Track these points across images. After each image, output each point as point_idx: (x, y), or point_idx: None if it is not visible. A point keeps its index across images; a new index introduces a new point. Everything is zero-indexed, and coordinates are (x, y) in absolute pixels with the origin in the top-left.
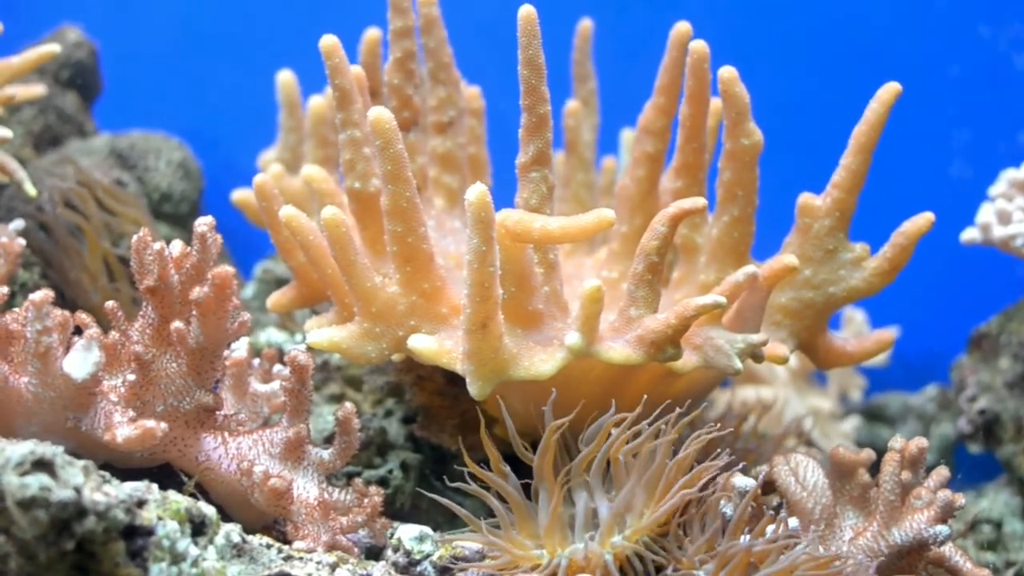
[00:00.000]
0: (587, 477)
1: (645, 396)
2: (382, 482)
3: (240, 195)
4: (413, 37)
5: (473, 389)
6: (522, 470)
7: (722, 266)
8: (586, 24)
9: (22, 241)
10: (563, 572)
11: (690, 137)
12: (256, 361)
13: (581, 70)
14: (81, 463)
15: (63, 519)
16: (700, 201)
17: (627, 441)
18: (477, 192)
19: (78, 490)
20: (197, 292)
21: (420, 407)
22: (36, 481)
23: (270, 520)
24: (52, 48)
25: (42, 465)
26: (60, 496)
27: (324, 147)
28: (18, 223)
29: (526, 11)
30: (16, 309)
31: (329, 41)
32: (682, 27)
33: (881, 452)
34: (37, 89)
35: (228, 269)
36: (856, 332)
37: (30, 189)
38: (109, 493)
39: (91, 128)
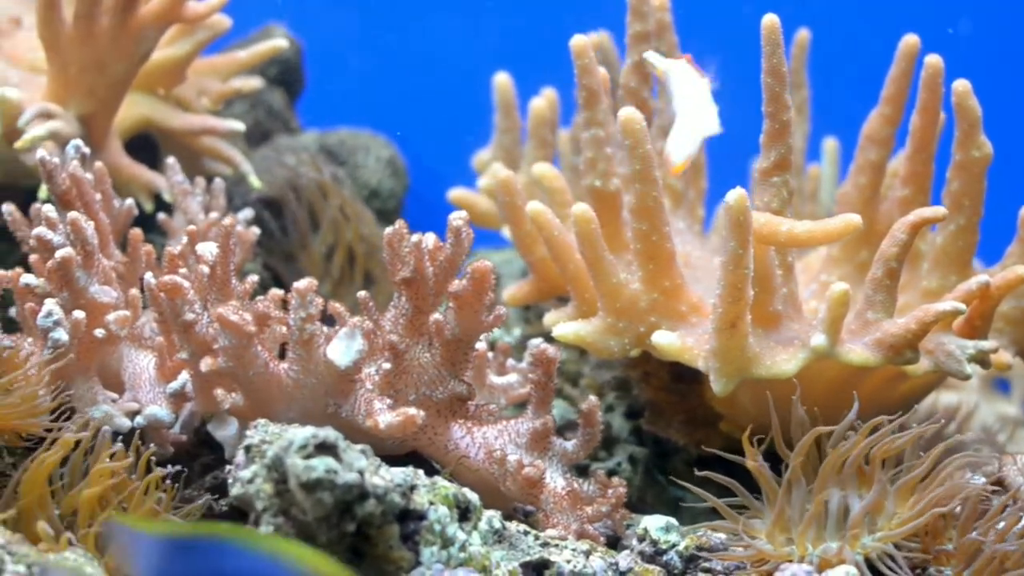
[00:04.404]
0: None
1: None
2: (610, 474)
3: (458, 193)
4: (651, 41)
5: (717, 386)
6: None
7: (945, 273)
8: (804, 34)
9: (256, 230)
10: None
11: (920, 147)
12: (490, 354)
13: (796, 78)
14: (359, 447)
15: (346, 502)
16: (941, 210)
17: (867, 443)
18: (736, 196)
19: (361, 473)
20: (456, 285)
21: (648, 402)
22: (322, 464)
23: (511, 509)
24: (278, 43)
25: (325, 448)
26: (345, 479)
27: (543, 148)
28: (247, 212)
29: (770, 20)
30: (261, 298)
31: (580, 41)
32: (911, 40)
33: None
34: (255, 82)
35: (487, 263)
36: None
37: (255, 182)
38: (385, 477)
39: (295, 125)
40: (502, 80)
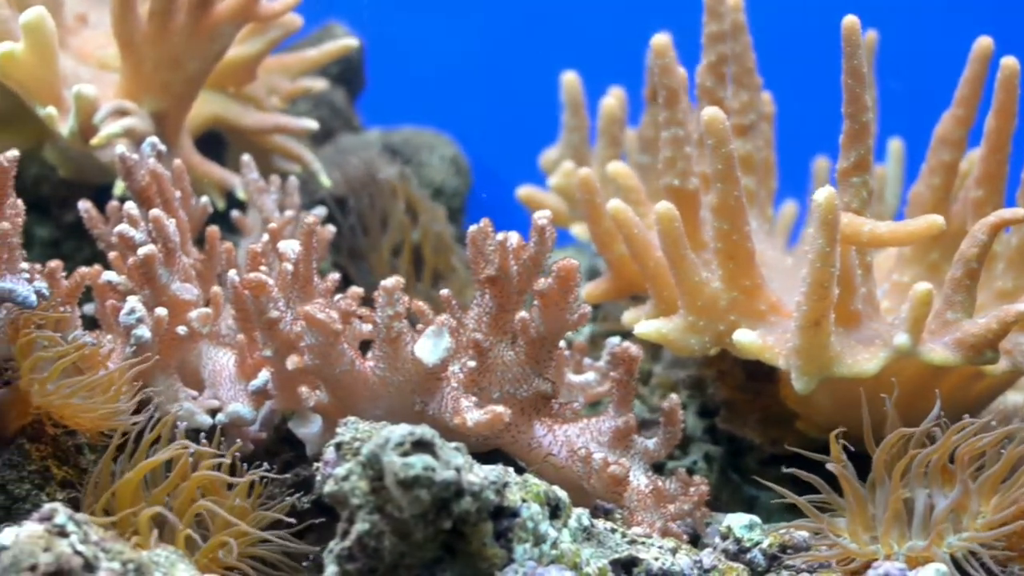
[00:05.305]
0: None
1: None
2: (688, 473)
3: (526, 191)
4: (726, 41)
5: (799, 384)
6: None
7: (1020, 273)
8: (871, 35)
9: (331, 228)
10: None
11: (995, 148)
12: (566, 352)
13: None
14: (452, 444)
15: (443, 499)
16: (1021, 212)
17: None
18: (826, 195)
19: (458, 470)
20: (543, 283)
21: (723, 401)
22: (420, 461)
23: (591, 507)
24: (348, 42)
25: (422, 446)
26: (443, 476)
27: (613, 146)
28: (320, 210)
29: (850, 21)
30: (341, 295)
31: (661, 41)
32: (984, 42)
33: None
34: (320, 83)
35: (573, 261)
36: None
37: (324, 180)
38: (479, 475)
39: (357, 123)
40: (570, 79)
